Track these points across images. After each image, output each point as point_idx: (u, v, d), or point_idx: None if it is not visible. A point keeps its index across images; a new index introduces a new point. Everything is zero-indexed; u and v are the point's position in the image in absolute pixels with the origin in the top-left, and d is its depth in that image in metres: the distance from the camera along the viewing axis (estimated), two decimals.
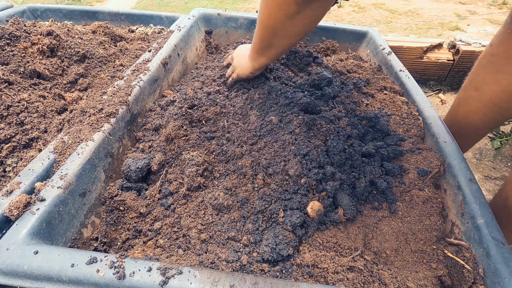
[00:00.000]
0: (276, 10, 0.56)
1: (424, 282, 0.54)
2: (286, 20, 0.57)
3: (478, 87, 0.82)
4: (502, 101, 0.78)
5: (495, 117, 0.83)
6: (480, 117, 0.84)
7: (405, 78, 0.97)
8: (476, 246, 0.55)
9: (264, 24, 0.62)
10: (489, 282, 0.51)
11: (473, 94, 0.84)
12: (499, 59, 0.76)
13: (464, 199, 0.60)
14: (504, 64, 0.75)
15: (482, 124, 0.85)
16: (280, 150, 0.68)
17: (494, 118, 0.83)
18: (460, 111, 0.89)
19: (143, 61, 0.88)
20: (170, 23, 1.24)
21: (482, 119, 0.84)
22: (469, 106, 0.86)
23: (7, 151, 0.66)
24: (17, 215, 0.48)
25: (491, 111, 0.81)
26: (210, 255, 0.53)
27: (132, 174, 0.65)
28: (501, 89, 0.77)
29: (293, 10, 0.54)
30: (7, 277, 0.43)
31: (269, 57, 0.74)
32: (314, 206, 0.60)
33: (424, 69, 1.75)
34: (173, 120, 0.74)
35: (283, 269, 0.53)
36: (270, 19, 0.59)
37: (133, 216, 0.61)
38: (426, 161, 0.72)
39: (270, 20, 0.59)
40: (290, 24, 0.58)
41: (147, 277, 0.43)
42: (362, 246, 0.60)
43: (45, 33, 0.83)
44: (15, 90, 0.73)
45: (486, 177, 1.28)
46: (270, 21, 0.59)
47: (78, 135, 0.62)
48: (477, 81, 0.83)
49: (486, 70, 0.80)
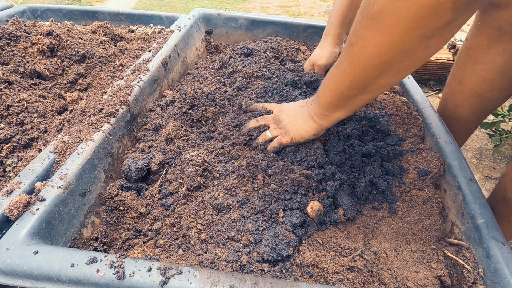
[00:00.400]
0: (411, 31, 0.38)
1: (424, 282, 0.54)
2: (420, 42, 0.39)
3: (460, 81, 0.86)
4: (484, 91, 0.81)
5: (480, 107, 0.85)
6: (466, 109, 0.87)
7: (405, 78, 0.97)
8: (476, 246, 0.55)
9: (371, 60, 0.44)
10: (489, 282, 0.51)
11: (457, 88, 0.87)
12: (475, 51, 0.79)
13: (464, 199, 0.60)
14: (480, 55, 0.78)
15: (470, 116, 0.88)
16: None
17: (480, 109, 0.85)
18: (448, 106, 0.92)
19: (143, 61, 0.88)
20: (170, 23, 1.24)
21: (468, 111, 0.87)
22: (455, 100, 0.89)
23: (7, 151, 0.66)
24: (17, 215, 0.48)
25: (475, 102, 0.84)
26: (210, 255, 0.53)
27: (132, 174, 0.65)
28: (481, 79, 0.80)
29: (443, 21, 0.36)
30: (7, 277, 0.43)
31: (352, 108, 0.56)
32: (314, 206, 0.60)
33: (424, 69, 1.75)
34: (173, 121, 0.74)
35: (283, 269, 0.53)
36: (390, 48, 0.41)
37: (133, 216, 0.61)
38: (426, 161, 0.72)
39: (391, 50, 0.41)
40: (423, 47, 0.41)
41: (147, 277, 0.43)
42: (362, 246, 0.60)
43: (45, 33, 0.83)
44: (15, 90, 0.73)
45: (486, 177, 1.28)
46: (389, 52, 0.41)
47: (78, 135, 0.62)
48: (458, 75, 0.86)
49: (465, 64, 0.83)
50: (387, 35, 0.40)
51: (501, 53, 0.74)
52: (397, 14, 0.37)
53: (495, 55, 0.75)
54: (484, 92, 0.81)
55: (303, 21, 1.23)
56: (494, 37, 0.74)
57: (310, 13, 2.99)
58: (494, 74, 0.77)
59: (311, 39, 1.25)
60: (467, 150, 1.40)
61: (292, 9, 3.11)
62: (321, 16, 2.92)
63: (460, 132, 0.92)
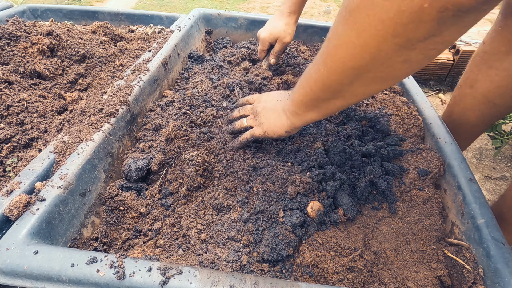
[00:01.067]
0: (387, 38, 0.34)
1: (424, 282, 0.54)
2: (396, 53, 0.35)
3: (472, 85, 0.84)
4: (496, 98, 0.79)
5: (490, 114, 0.83)
6: (475, 114, 0.85)
7: (405, 78, 0.97)
8: (476, 246, 0.55)
9: (344, 63, 0.40)
10: (489, 282, 0.51)
11: (467, 92, 0.85)
12: (491, 55, 0.77)
13: (464, 199, 0.60)
14: (496, 60, 0.76)
15: (478, 122, 0.86)
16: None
17: (489, 115, 0.84)
18: (456, 109, 0.90)
19: (143, 61, 0.88)
20: (170, 23, 1.24)
21: (477, 116, 0.85)
22: (464, 104, 0.87)
23: (7, 150, 0.66)
24: (17, 215, 0.48)
25: (485, 108, 0.82)
26: (210, 255, 0.53)
27: (132, 173, 0.65)
28: (494, 85, 0.78)
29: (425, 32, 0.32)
30: (7, 277, 0.43)
31: (324, 112, 0.53)
32: (314, 206, 0.60)
33: (424, 69, 1.75)
34: (173, 121, 0.74)
35: (283, 269, 0.53)
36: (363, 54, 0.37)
37: (133, 216, 0.61)
38: (426, 161, 0.72)
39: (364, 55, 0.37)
40: (401, 60, 0.36)
41: (147, 277, 0.43)
42: (362, 246, 0.60)
43: (45, 33, 0.83)
44: (15, 90, 0.73)
45: (486, 177, 1.28)
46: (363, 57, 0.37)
47: (78, 135, 0.62)
48: (471, 79, 0.84)
49: (479, 68, 0.81)
50: (363, 37, 0.36)
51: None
52: (375, 12, 0.33)
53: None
54: (495, 99, 0.79)
55: (303, 21, 1.23)
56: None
57: (310, 13, 2.99)
58: (509, 81, 0.75)
59: (311, 39, 1.25)
60: (467, 150, 1.40)
61: None
62: (321, 16, 2.92)
63: (465, 136, 0.90)
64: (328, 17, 2.90)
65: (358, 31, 0.36)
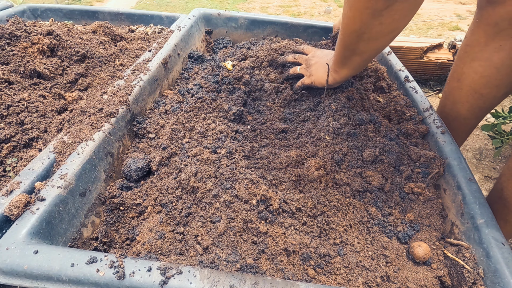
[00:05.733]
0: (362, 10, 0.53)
1: (424, 282, 0.54)
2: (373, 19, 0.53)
3: (459, 78, 0.86)
4: (482, 88, 0.81)
5: (478, 105, 0.85)
6: (464, 107, 0.87)
7: (405, 78, 0.97)
8: (476, 246, 0.55)
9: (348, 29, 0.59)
10: (489, 282, 0.51)
11: (455, 85, 0.88)
12: (473, 48, 0.80)
13: (464, 199, 0.60)
14: (477, 52, 0.79)
15: (468, 114, 0.88)
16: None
17: (477, 106, 0.86)
18: (447, 104, 0.92)
19: (143, 61, 0.88)
20: (170, 23, 1.24)
21: (467, 108, 0.87)
22: (454, 97, 0.89)
23: (7, 150, 0.66)
24: (17, 215, 0.48)
25: (473, 99, 0.84)
26: (210, 255, 0.53)
27: (132, 173, 0.65)
28: (478, 75, 0.80)
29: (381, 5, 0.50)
30: (7, 276, 0.43)
31: (352, 67, 0.71)
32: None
33: (424, 69, 1.75)
34: (173, 120, 0.74)
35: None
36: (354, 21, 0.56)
37: (133, 216, 0.61)
38: (426, 161, 0.72)
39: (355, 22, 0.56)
40: (377, 23, 0.54)
41: (147, 277, 0.43)
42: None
43: (45, 33, 0.83)
44: (15, 90, 0.73)
45: (486, 177, 1.28)
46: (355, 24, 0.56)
47: (78, 135, 0.62)
48: (457, 72, 0.86)
49: (463, 61, 0.84)
50: (352, 11, 0.55)
51: (498, 50, 0.74)
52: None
53: (492, 52, 0.76)
54: (481, 89, 0.81)
55: (303, 21, 1.23)
56: (491, 34, 0.74)
57: (310, 13, 2.99)
58: (491, 71, 0.77)
59: (311, 39, 1.25)
60: (467, 150, 1.40)
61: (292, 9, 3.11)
62: (321, 16, 2.92)
63: (460, 130, 0.92)
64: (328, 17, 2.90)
65: (350, 7, 0.56)
